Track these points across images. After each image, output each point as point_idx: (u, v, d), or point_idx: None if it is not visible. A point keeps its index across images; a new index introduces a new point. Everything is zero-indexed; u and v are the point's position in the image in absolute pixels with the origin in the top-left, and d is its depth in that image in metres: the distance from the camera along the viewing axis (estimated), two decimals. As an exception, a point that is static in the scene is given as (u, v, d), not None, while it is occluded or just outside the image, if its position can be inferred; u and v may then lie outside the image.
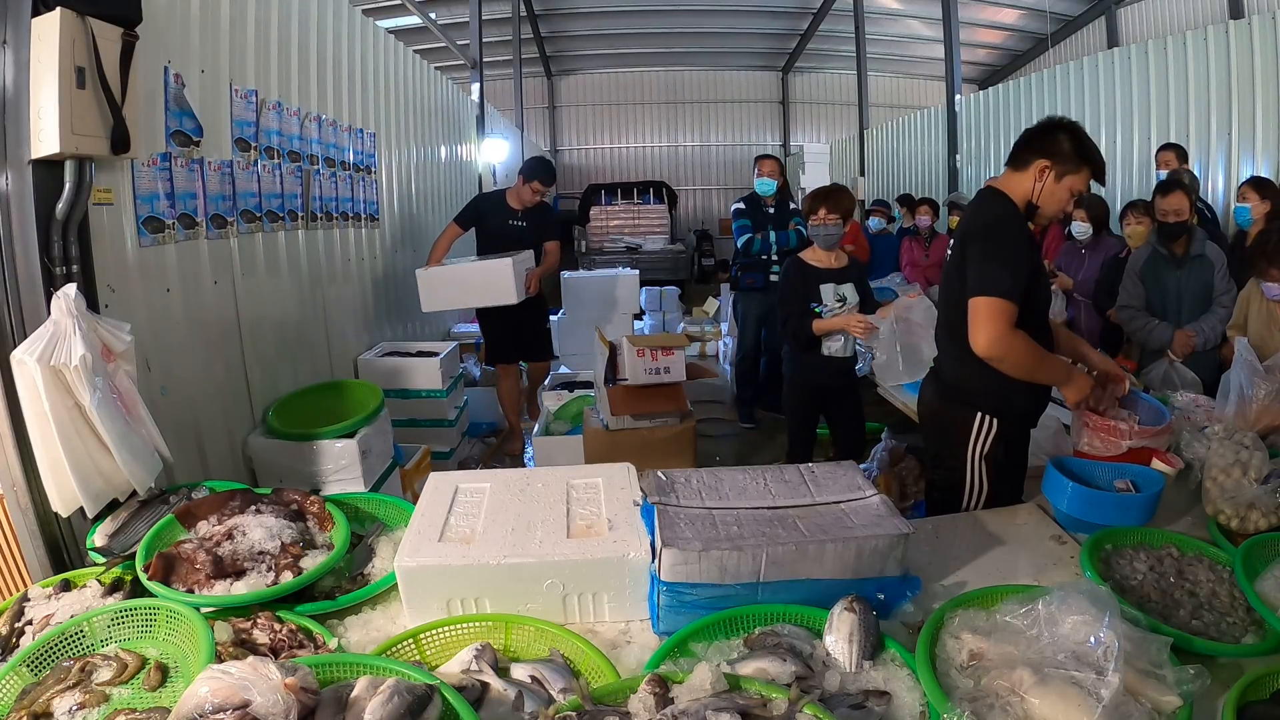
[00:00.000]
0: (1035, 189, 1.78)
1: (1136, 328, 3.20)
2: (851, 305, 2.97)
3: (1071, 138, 1.76)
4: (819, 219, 2.96)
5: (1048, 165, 1.76)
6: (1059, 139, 1.76)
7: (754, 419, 4.94)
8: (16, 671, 1.11)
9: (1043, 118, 1.84)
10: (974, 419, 1.87)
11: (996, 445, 1.87)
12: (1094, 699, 0.94)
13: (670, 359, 3.94)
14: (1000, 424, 1.86)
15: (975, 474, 1.89)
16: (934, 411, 2.01)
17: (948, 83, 7.65)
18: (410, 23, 8.00)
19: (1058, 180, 1.76)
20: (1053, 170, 1.76)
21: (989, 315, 1.68)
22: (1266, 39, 4.25)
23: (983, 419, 1.86)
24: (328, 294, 3.23)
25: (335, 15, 3.35)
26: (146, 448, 1.63)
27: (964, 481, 1.90)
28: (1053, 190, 1.77)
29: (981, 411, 1.86)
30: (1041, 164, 1.76)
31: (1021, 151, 1.81)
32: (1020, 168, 1.80)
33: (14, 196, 1.52)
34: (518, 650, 1.22)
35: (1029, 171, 1.78)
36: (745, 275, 4.68)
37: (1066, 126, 1.78)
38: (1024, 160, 1.79)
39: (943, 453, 1.97)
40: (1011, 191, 1.81)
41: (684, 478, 1.45)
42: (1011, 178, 1.83)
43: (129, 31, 1.63)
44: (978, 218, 1.83)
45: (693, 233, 12.85)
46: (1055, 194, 1.78)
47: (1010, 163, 1.85)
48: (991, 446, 1.87)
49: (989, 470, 1.88)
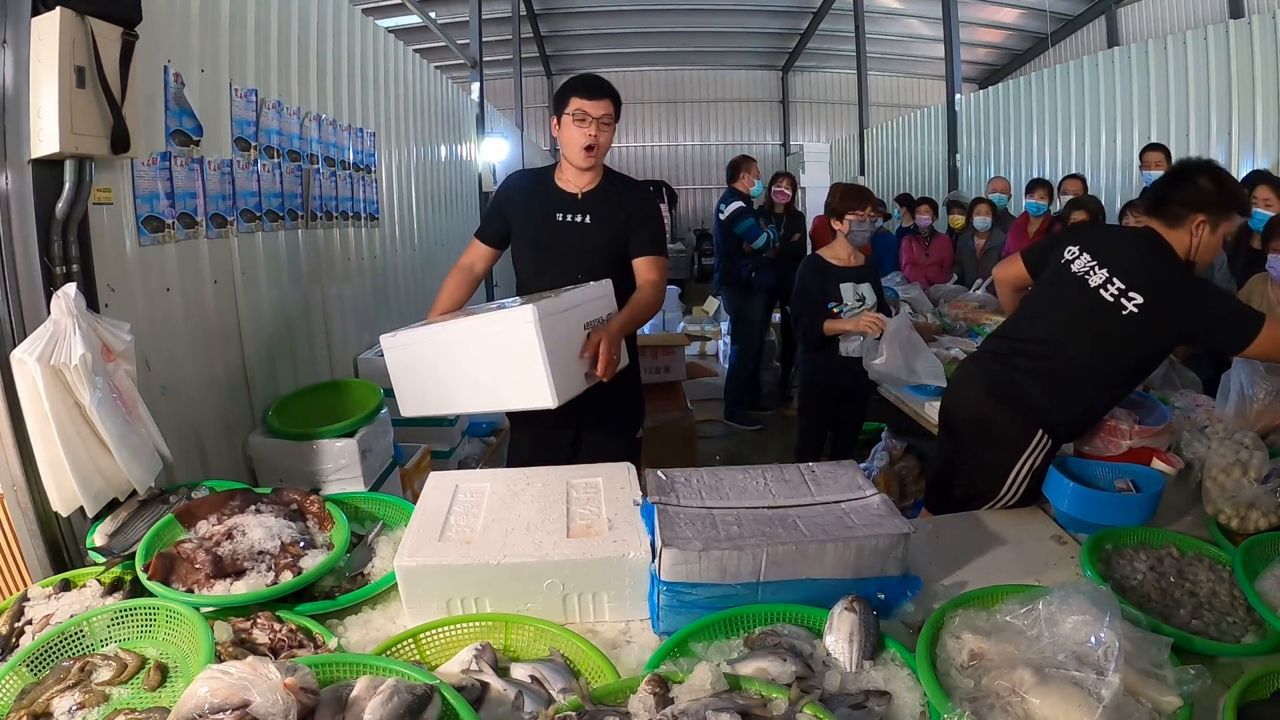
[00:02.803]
0: (1192, 244, 1.73)
1: (1137, 327, 3.19)
2: (870, 305, 2.96)
3: (1214, 180, 1.71)
4: (862, 215, 2.93)
5: (1203, 220, 1.71)
6: (1202, 185, 1.71)
7: (756, 420, 4.93)
8: (16, 671, 1.11)
9: (1176, 162, 1.78)
10: (1034, 434, 1.83)
11: (1045, 461, 1.84)
12: (1094, 699, 0.94)
13: (670, 359, 3.94)
14: (1054, 444, 1.85)
15: (1017, 483, 1.85)
16: (981, 415, 1.94)
17: (948, 82, 7.65)
18: (410, 22, 8.00)
19: (1213, 231, 1.72)
20: (1208, 224, 1.71)
21: (1270, 339, 1.64)
22: (1266, 39, 4.25)
23: (1043, 436, 1.83)
24: (328, 294, 3.22)
25: (335, 15, 3.34)
26: (146, 447, 1.63)
27: (1001, 486, 1.87)
28: (1209, 243, 1.73)
29: (1044, 430, 1.83)
30: (1197, 219, 1.70)
31: (1169, 206, 1.74)
32: (1173, 225, 1.73)
33: (14, 196, 1.52)
34: (518, 650, 1.22)
35: (1183, 229, 1.72)
36: (759, 275, 4.67)
37: (1205, 168, 1.73)
38: (1176, 216, 1.73)
39: (986, 454, 1.91)
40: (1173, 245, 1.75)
41: (684, 477, 1.45)
42: (1166, 233, 1.75)
43: (129, 31, 1.63)
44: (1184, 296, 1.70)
45: (693, 232, 12.88)
46: (1210, 245, 1.74)
47: (1157, 218, 1.77)
48: (1041, 462, 1.84)
49: (1030, 483, 1.85)
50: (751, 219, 4.57)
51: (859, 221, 2.93)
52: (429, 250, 4.72)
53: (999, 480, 1.86)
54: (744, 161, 4.75)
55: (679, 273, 10.56)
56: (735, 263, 4.72)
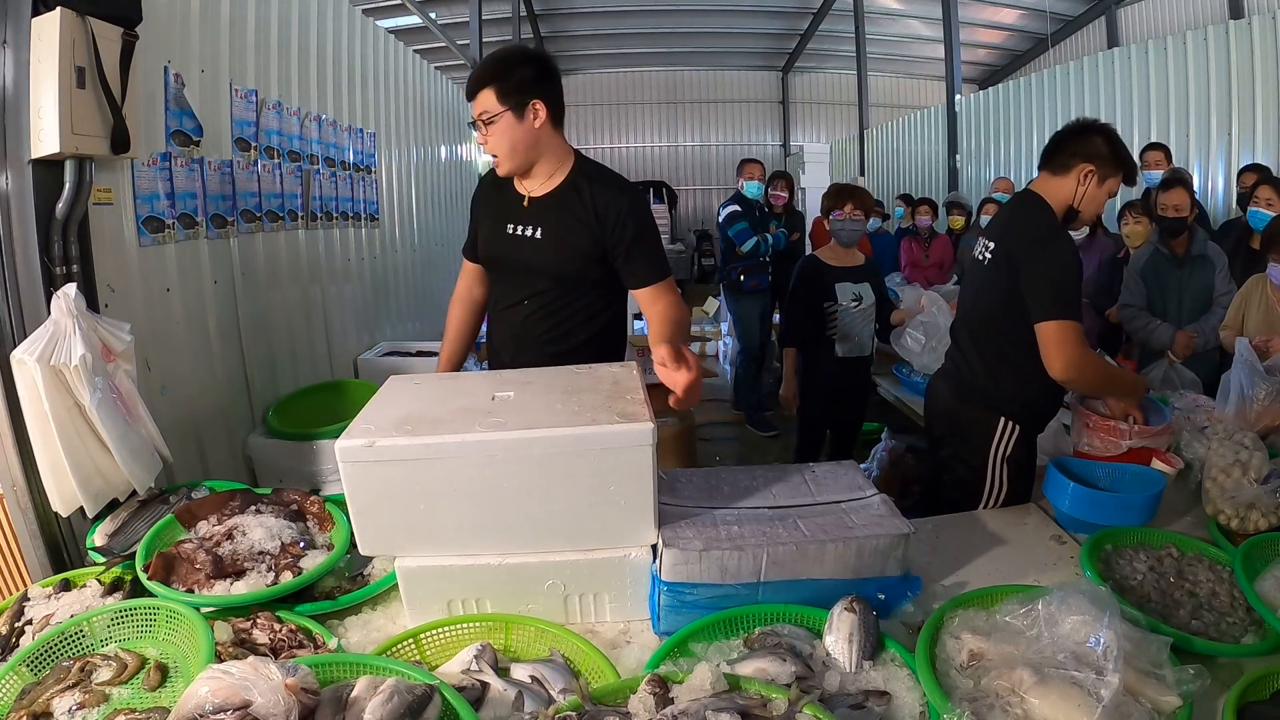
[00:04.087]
0: (1078, 193, 1.76)
1: (1137, 327, 3.20)
2: (868, 305, 2.96)
3: (1108, 140, 1.75)
4: (843, 214, 2.95)
5: (1091, 169, 1.74)
6: (1096, 141, 1.75)
7: (773, 425, 4.87)
8: (16, 671, 1.11)
9: (1071, 120, 1.83)
10: (996, 422, 1.87)
11: (1018, 448, 1.88)
12: (1094, 699, 0.94)
13: (670, 359, 3.91)
14: (1021, 429, 1.88)
15: (996, 475, 1.89)
16: (950, 411, 2.01)
17: (948, 83, 7.66)
18: (410, 23, 8.01)
19: (1100, 184, 1.75)
20: (1095, 174, 1.74)
21: (1063, 340, 1.67)
22: (1266, 39, 4.25)
23: (1006, 423, 1.87)
24: (328, 294, 3.23)
25: (335, 15, 3.35)
26: (146, 447, 1.63)
27: (984, 482, 1.91)
28: (1094, 194, 1.77)
29: (1005, 416, 1.87)
30: (1085, 168, 1.74)
31: (1059, 155, 1.79)
32: (1060, 172, 1.78)
33: (14, 196, 1.52)
34: (518, 650, 1.22)
35: (1070, 175, 1.76)
36: (749, 278, 4.66)
37: (1101, 129, 1.77)
38: (1064, 164, 1.77)
39: (961, 452, 1.97)
40: (1050, 196, 1.79)
41: (684, 478, 1.45)
42: (1049, 181, 1.80)
43: (129, 31, 1.63)
44: (1026, 230, 1.79)
45: (693, 233, 12.87)
46: (1096, 197, 1.77)
47: (1046, 166, 1.82)
48: (1014, 449, 1.88)
49: (1010, 471, 1.89)
50: (745, 223, 4.56)
51: (841, 220, 2.94)
52: (429, 251, 4.73)
53: (979, 476, 1.91)
54: (743, 163, 4.76)
55: (679, 273, 10.56)
56: (729, 264, 4.73)
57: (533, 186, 1.73)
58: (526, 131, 1.64)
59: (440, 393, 1.38)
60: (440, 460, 1.17)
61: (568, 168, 1.72)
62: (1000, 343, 1.86)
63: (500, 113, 1.62)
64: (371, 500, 1.20)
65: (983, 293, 1.90)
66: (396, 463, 1.17)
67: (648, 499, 1.20)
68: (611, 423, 1.17)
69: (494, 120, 1.63)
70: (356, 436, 1.18)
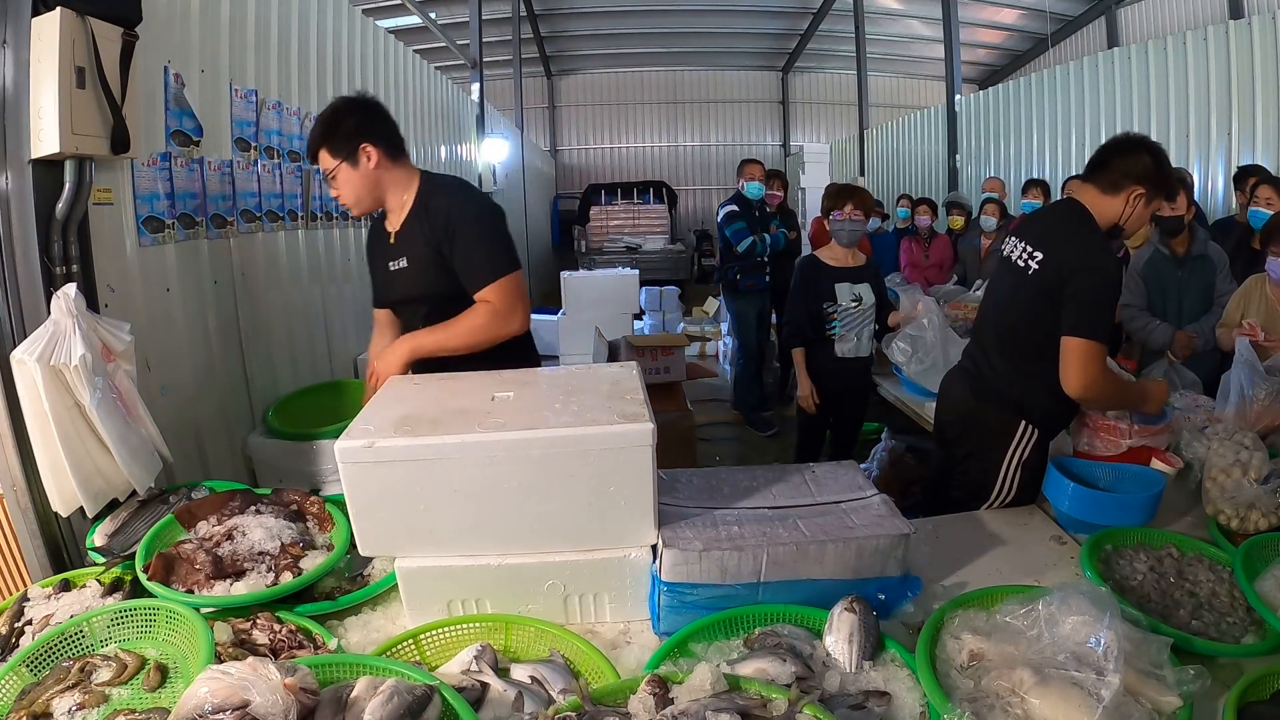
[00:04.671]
0: (1125, 212, 1.75)
1: (1137, 327, 3.19)
2: (867, 306, 2.96)
3: (1156, 160, 1.74)
4: (843, 214, 2.94)
5: (1141, 193, 1.73)
6: (1146, 160, 1.73)
7: (772, 424, 4.88)
8: (16, 671, 1.11)
9: (1118, 135, 1.80)
10: (1017, 426, 1.87)
11: (1035, 453, 1.87)
12: (1094, 699, 0.94)
13: (670, 359, 3.93)
14: (1040, 434, 1.87)
15: (1009, 478, 1.88)
16: (969, 411, 2.00)
17: (948, 83, 7.65)
18: (410, 23, 8.00)
19: (1146, 205, 1.75)
20: (1144, 197, 1.73)
21: (1087, 360, 1.67)
22: (1266, 39, 4.24)
23: (1026, 427, 1.86)
24: (328, 294, 3.22)
25: (335, 15, 3.34)
26: (146, 447, 1.63)
27: (995, 484, 1.90)
28: (1141, 215, 1.76)
29: (1026, 421, 1.86)
30: (1136, 190, 1.73)
31: (1108, 173, 1.76)
32: (1109, 191, 1.75)
33: (14, 196, 1.52)
34: (518, 651, 1.22)
35: (1120, 196, 1.74)
36: (746, 278, 4.67)
37: (1150, 146, 1.76)
38: (1115, 184, 1.75)
39: (977, 452, 1.96)
40: (1097, 212, 1.77)
41: (684, 478, 1.45)
42: (1099, 199, 1.77)
43: (129, 31, 1.63)
44: (1085, 246, 1.75)
45: (693, 233, 12.87)
46: (1142, 217, 1.77)
47: (1093, 181, 1.79)
48: (1030, 453, 1.87)
49: (1023, 477, 1.88)
50: (743, 222, 4.56)
51: (841, 220, 2.94)
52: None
53: (992, 477, 1.90)
54: (744, 164, 4.77)
55: (678, 273, 10.57)
56: (727, 264, 4.73)
57: (394, 221, 1.83)
58: (364, 176, 1.75)
59: (440, 393, 1.39)
60: (440, 461, 1.18)
61: (414, 192, 1.80)
62: (1031, 350, 1.83)
63: (337, 165, 1.74)
64: (371, 501, 1.20)
65: (1019, 298, 1.86)
66: (396, 463, 1.18)
67: (647, 499, 1.21)
68: (611, 423, 1.19)
69: (335, 174, 1.76)
70: (356, 437, 1.19)
